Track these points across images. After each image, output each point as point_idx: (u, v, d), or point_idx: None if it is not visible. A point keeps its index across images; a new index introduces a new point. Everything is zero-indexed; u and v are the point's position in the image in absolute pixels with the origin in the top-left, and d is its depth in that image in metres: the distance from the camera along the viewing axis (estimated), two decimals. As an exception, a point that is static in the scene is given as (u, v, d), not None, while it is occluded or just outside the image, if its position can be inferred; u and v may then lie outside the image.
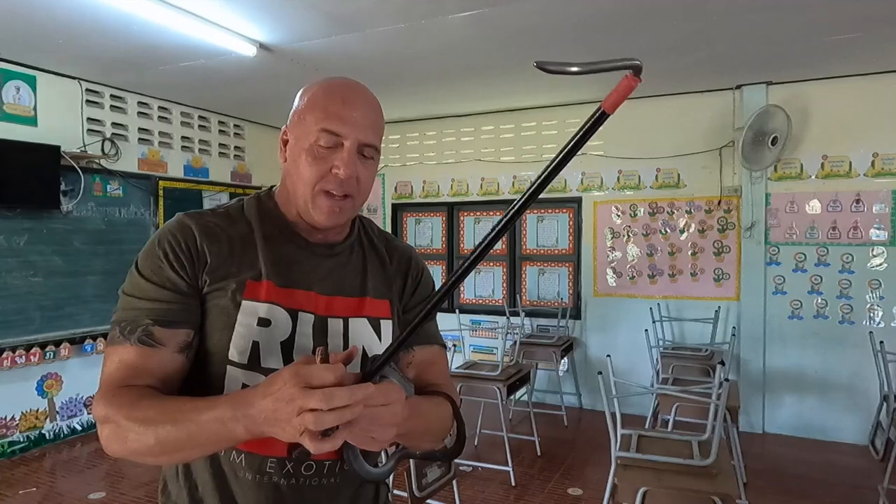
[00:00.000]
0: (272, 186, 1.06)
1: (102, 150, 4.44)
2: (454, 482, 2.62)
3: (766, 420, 4.51)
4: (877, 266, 4.23)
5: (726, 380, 2.28)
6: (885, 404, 3.20)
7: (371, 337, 1.02)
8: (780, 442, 4.33)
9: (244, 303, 0.91)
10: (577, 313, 5.22)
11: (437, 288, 1.12)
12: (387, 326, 1.04)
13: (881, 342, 3.35)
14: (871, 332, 3.51)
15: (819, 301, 4.39)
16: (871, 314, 4.24)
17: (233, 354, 0.91)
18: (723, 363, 4.16)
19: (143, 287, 0.89)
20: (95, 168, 4.40)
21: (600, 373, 2.39)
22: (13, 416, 4.02)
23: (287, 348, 0.94)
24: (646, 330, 4.10)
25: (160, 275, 0.89)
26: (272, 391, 0.73)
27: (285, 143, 0.98)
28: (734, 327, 4.26)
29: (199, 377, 0.92)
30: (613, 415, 2.41)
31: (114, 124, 4.56)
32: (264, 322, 0.92)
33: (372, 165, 0.97)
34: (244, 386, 0.91)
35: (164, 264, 0.90)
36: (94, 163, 4.38)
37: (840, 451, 4.17)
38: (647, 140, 4.87)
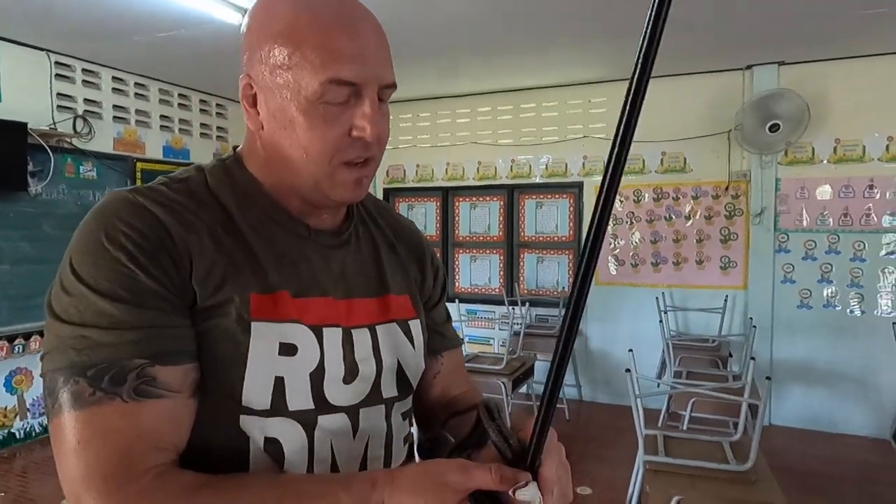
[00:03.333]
0: (235, 148, 0.78)
1: (74, 128, 4.12)
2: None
3: (772, 412, 4.38)
4: (889, 254, 4.10)
5: (768, 378, 2.10)
6: (907, 398, 3.07)
7: (405, 346, 0.80)
8: (787, 434, 4.20)
9: (256, 324, 0.66)
10: (577, 302, 5.03)
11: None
12: (416, 329, 0.82)
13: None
14: (894, 323, 3.37)
15: (829, 290, 4.25)
16: (884, 304, 4.11)
17: (249, 397, 0.65)
18: (731, 354, 4.02)
19: (107, 311, 0.59)
20: (66, 147, 4.08)
21: (628, 370, 2.19)
22: (-21, 415, 3.73)
23: (317, 382, 0.70)
24: (660, 321, 3.92)
25: (132, 288, 0.60)
26: None
27: (253, 98, 0.69)
28: (751, 318, 4.10)
29: (196, 435, 0.65)
30: (639, 415, 2.22)
31: (86, 101, 4.23)
32: (288, 349, 0.68)
33: (388, 110, 0.71)
34: (268, 441, 0.67)
35: (134, 271, 0.60)
36: (64, 142, 4.06)
37: (851, 444, 4.06)
38: (653, 122, 4.65)
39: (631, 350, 2.44)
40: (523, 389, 4.78)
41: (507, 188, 5.29)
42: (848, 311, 4.21)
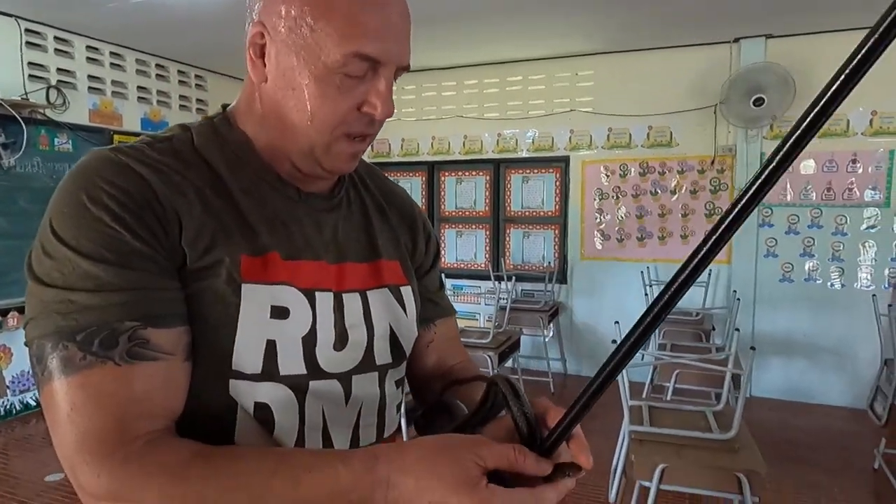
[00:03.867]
0: (225, 107, 0.75)
1: (47, 98, 3.98)
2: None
3: (752, 383, 4.46)
4: (870, 228, 4.15)
5: (752, 348, 2.11)
6: (885, 368, 3.13)
7: (398, 312, 0.78)
8: (767, 405, 4.29)
9: (246, 286, 0.63)
10: (562, 277, 5.05)
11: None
12: (409, 296, 0.80)
13: (890, 305, 3.26)
14: (874, 296, 3.43)
15: (811, 264, 4.30)
16: (863, 277, 4.17)
17: (240, 361, 0.63)
18: (713, 327, 4.07)
19: (92, 272, 0.56)
20: (40, 119, 3.95)
21: (614, 341, 2.19)
22: (-43, 393, 3.67)
23: (309, 346, 0.68)
24: (645, 294, 3.94)
25: (118, 249, 0.57)
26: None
27: (262, 49, 0.65)
28: (734, 291, 4.14)
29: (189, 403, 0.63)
30: (624, 387, 2.23)
31: (59, 70, 4.09)
32: (280, 312, 0.66)
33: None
34: (258, 406, 0.64)
35: (119, 231, 0.58)
36: (38, 113, 3.93)
37: (829, 413, 4.16)
38: (639, 96, 4.63)
39: (617, 322, 2.45)
40: (509, 363, 4.82)
41: (493, 162, 5.25)
42: (828, 284, 4.27)
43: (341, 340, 0.71)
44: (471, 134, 5.27)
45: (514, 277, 4.97)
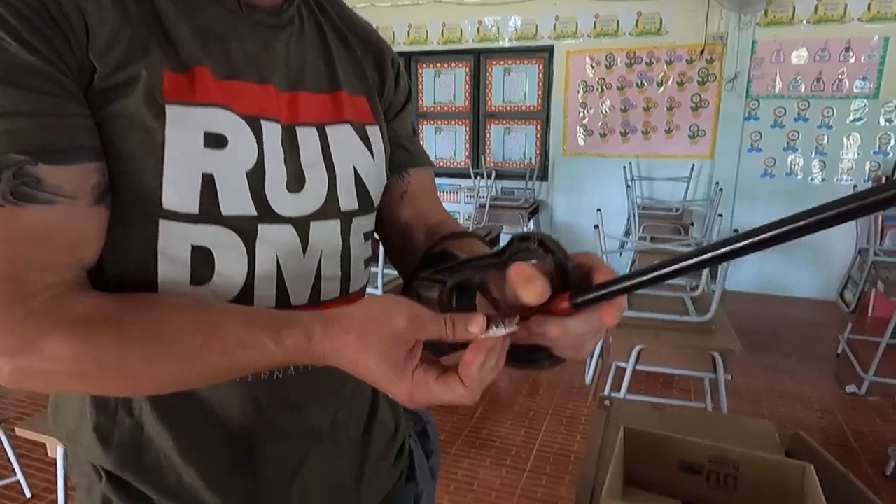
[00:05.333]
0: None
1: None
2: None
3: (727, 277, 4.54)
4: (856, 120, 4.07)
5: (736, 231, 2.08)
6: (858, 257, 3.17)
7: (362, 153, 0.67)
8: (740, 298, 4.39)
9: (171, 108, 0.52)
10: (543, 174, 4.96)
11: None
12: (376, 136, 0.69)
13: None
14: (855, 186, 3.41)
15: (793, 158, 4.25)
16: (845, 171, 4.15)
17: (171, 199, 0.53)
18: (692, 223, 4.07)
19: None
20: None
21: (596, 226, 2.15)
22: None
23: (256, 183, 0.57)
24: (627, 186, 3.88)
25: (5, 64, 0.46)
26: (400, 386, 0.47)
27: None
28: (717, 182, 4.10)
29: (110, 248, 0.54)
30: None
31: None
32: (216, 140, 0.55)
33: None
34: (196, 250, 0.55)
35: (6, 41, 0.46)
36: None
37: (799, 305, 4.28)
38: (630, -22, 4.34)
39: (599, 210, 2.39)
40: (488, 261, 4.83)
41: (473, 53, 4.98)
42: (809, 179, 4.24)
43: (297, 181, 0.61)
44: (449, 21, 4.95)
45: (493, 174, 4.87)
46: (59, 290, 0.48)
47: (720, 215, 2.40)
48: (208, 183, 0.54)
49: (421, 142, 0.86)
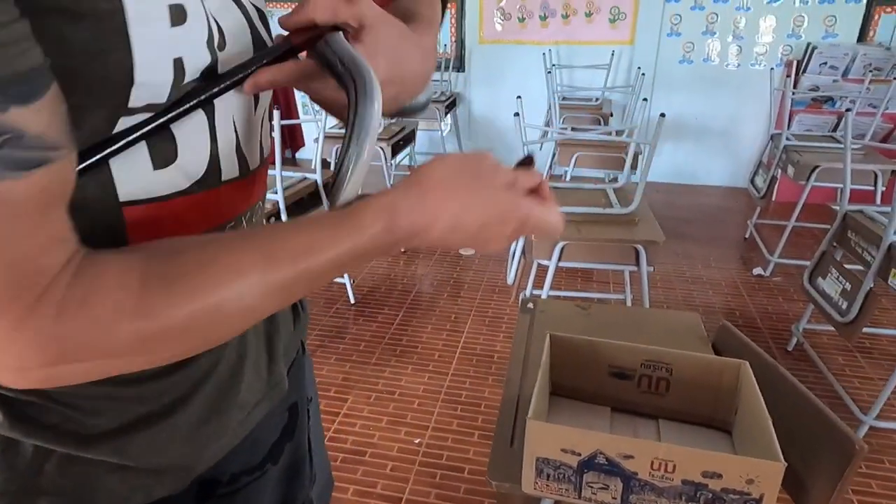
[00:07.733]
0: None
1: None
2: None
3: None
4: (772, 1, 3.99)
5: (663, 115, 1.96)
6: (770, 143, 3.19)
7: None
8: (653, 188, 4.41)
9: None
10: (459, 65, 4.64)
11: None
12: None
13: (788, 77, 3.22)
14: (772, 69, 3.36)
15: (710, 42, 4.16)
16: (759, 54, 4.12)
17: (140, 96, 0.39)
18: (612, 114, 3.96)
19: None
20: None
21: (517, 114, 1.96)
22: None
23: (213, 53, 0.44)
24: (548, 72, 3.66)
25: None
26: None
27: None
28: (639, 68, 3.95)
29: None
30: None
31: None
32: (178, 15, 0.40)
33: None
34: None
35: None
36: None
37: (710, 193, 4.38)
38: None
39: (519, 97, 2.20)
40: (405, 160, 4.59)
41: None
42: (725, 64, 4.19)
43: (220, 35, 0.48)
44: None
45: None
46: (78, 265, 0.36)
47: (644, 100, 2.26)
48: (178, 69, 0.41)
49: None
